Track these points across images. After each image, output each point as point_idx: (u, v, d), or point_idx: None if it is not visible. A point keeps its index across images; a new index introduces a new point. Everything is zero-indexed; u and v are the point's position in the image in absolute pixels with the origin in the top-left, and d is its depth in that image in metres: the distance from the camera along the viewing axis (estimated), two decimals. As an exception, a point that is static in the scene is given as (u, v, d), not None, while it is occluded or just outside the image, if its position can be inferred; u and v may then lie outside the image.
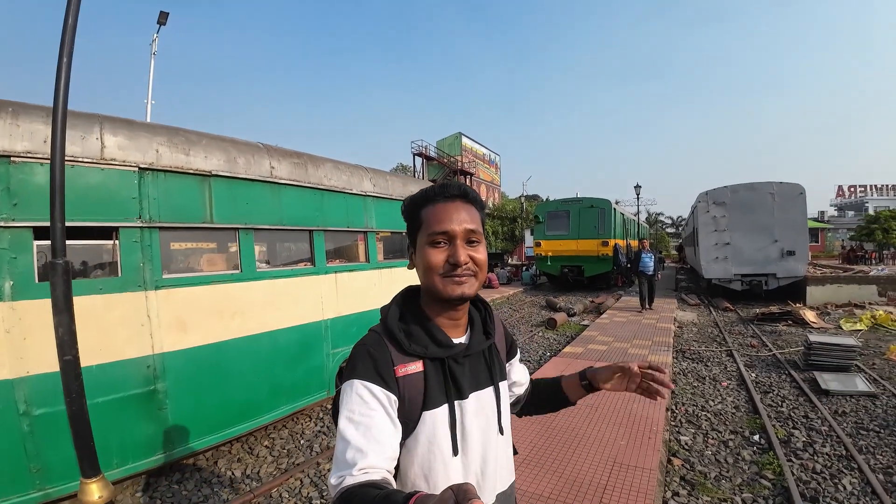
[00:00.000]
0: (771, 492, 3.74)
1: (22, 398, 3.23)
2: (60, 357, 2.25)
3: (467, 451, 1.05)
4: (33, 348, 3.26)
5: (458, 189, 1.07)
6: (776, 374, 6.89)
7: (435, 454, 1.01)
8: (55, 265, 2.06)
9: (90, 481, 2.31)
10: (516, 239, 37.39)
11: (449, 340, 1.08)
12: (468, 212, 1.06)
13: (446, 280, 1.02)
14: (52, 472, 3.36)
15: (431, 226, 1.03)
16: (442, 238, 1.02)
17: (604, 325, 10.75)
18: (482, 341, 1.14)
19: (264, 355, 4.42)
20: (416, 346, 1.04)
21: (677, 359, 7.97)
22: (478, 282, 1.06)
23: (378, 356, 1.01)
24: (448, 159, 35.95)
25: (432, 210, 1.05)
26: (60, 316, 2.13)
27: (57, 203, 2.03)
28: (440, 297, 1.04)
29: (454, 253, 1.01)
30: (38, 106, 3.54)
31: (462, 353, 1.08)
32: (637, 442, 4.31)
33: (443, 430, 1.02)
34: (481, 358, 1.14)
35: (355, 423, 0.92)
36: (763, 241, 13.59)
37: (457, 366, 1.08)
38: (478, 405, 1.09)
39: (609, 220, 18.87)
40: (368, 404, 0.94)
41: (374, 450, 0.89)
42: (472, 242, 1.05)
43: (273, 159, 4.60)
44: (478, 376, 1.12)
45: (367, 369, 0.98)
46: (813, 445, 4.51)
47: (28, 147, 3.32)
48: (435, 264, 1.02)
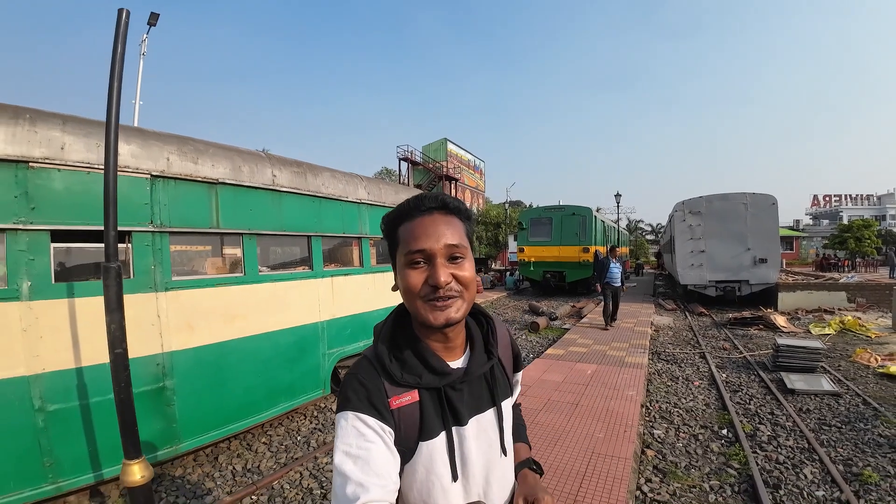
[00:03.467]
0: (736, 479, 4.07)
1: (37, 394, 3.39)
2: (111, 350, 2.45)
3: (468, 475, 1.00)
4: (48, 347, 3.43)
5: (436, 200, 0.98)
6: (746, 374, 7.30)
7: (433, 482, 0.97)
8: (108, 268, 2.27)
9: (132, 462, 2.51)
10: (500, 244, 37.89)
11: (444, 367, 1.00)
12: (449, 225, 0.96)
13: (428, 305, 0.93)
14: (64, 466, 3.52)
15: (408, 244, 0.94)
16: (419, 257, 0.93)
17: (584, 328, 11.12)
18: (483, 363, 1.05)
19: (264, 355, 4.64)
20: (408, 377, 0.97)
21: (653, 360, 8.36)
22: (465, 303, 0.96)
23: (370, 386, 0.95)
24: (433, 164, 36.29)
25: (409, 226, 0.96)
26: (112, 314, 2.34)
27: (111, 213, 2.23)
28: (424, 323, 0.96)
29: (433, 273, 0.91)
30: (55, 113, 3.72)
31: (459, 379, 1.01)
32: (613, 435, 4.63)
33: (441, 459, 0.97)
34: (482, 380, 1.07)
35: (353, 456, 0.88)
36: (736, 249, 14.18)
37: (454, 392, 1.01)
38: (479, 429, 1.03)
39: (590, 228, 19.40)
40: (365, 436, 0.90)
41: (375, 483, 0.85)
42: (456, 259, 0.95)
43: (275, 168, 4.84)
44: (478, 400, 1.05)
45: (360, 400, 0.93)
46: (777, 439, 4.87)
47: (46, 153, 3.47)
48: (414, 287, 0.93)
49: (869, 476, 4.02)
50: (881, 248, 40.99)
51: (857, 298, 14.10)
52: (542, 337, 10.93)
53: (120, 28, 2.04)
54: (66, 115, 3.73)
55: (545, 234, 20.25)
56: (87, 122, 3.78)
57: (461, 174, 39.70)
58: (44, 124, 3.53)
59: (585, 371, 7.07)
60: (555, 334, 11.04)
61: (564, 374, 6.94)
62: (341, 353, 5.55)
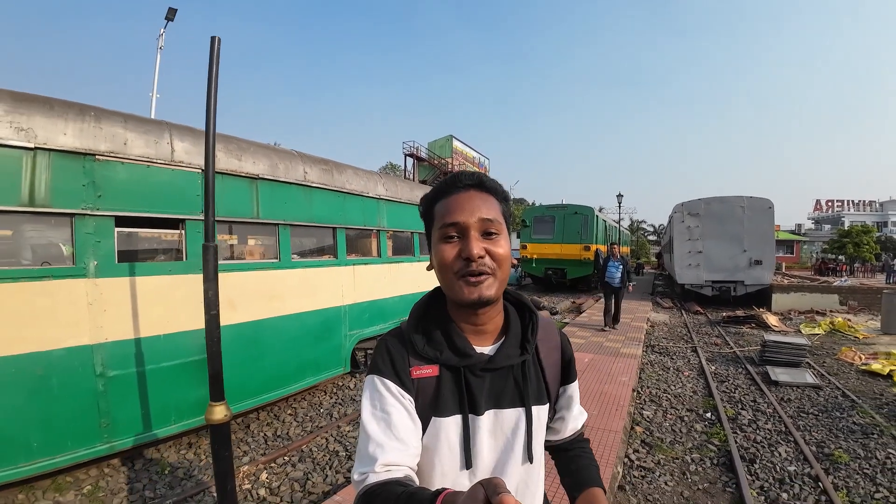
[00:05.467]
0: (716, 454, 4.56)
1: (99, 361, 3.86)
2: (207, 311, 2.91)
3: (475, 469, 0.98)
4: (111, 319, 3.91)
5: (473, 178, 0.98)
6: (734, 367, 7.79)
7: (435, 464, 0.97)
8: (207, 247, 2.74)
9: (217, 404, 2.95)
10: (503, 241, 38.44)
11: (468, 348, 0.98)
12: (485, 201, 0.95)
13: (461, 281, 0.91)
14: (119, 427, 3.98)
15: (443, 218, 0.94)
16: (453, 230, 0.92)
17: (583, 322, 11.62)
18: (513, 356, 1.01)
19: (294, 333, 5.15)
20: (429, 350, 0.98)
21: (646, 351, 8.87)
22: (498, 281, 0.93)
23: (396, 354, 0.98)
24: (439, 161, 36.67)
25: (445, 202, 0.96)
26: (209, 283, 2.80)
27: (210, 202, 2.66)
28: (457, 300, 0.95)
29: (466, 246, 0.90)
30: (116, 112, 4.20)
31: (481, 365, 0.98)
32: (607, 412, 5.13)
33: (447, 441, 0.96)
34: (509, 374, 1.01)
35: (377, 418, 0.91)
36: (733, 251, 14.66)
37: (474, 378, 0.98)
38: (495, 424, 1.00)
39: (592, 227, 19.93)
40: (387, 400, 0.93)
41: (396, 447, 0.87)
42: (490, 234, 0.93)
43: (306, 165, 5.34)
44: (500, 394, 1.00)
45: (385, 366, 0.96)
46: (757, 422, 5.35)
47: (110, 147, 3.94)
48: (447, 260, 0.92)
49: (839, 456, 4.46)
50: (880, 254, 41.39)
51: (848, 301, 14.57)
52: (543, 330, 11.41)
53: (214, 54, 2.50)
54: (127, 114, 4.22)
55: (548, 231, 20.79)
56: (145, 120, 4.27)
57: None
58: (108, 121, 4.00)
59: (583, 359, 7.57)
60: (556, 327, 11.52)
61: (564, 362, 7.44)
62: (360, 334, 6.08)
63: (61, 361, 3.68)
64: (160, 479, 4.15)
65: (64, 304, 3.69)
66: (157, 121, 4.32)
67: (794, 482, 4.02)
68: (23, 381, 3.51)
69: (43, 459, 3.62)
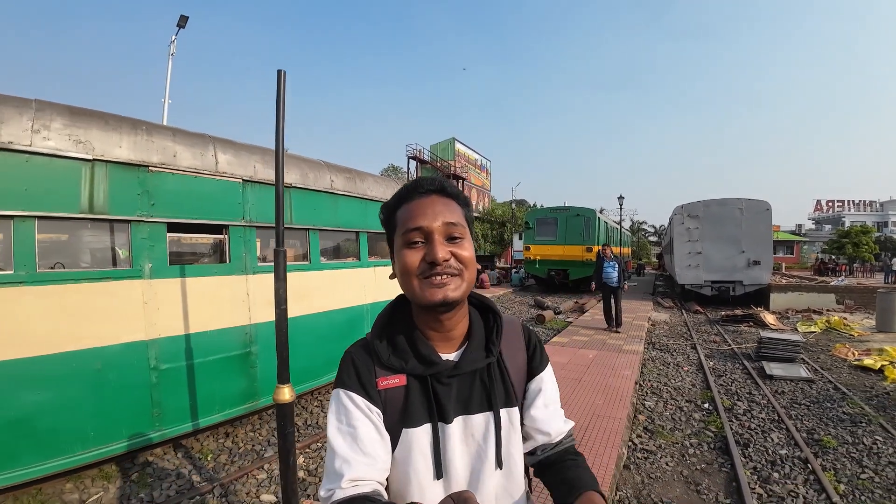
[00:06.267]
0: (713, 439, 4.95)
1: (153, 355, 4.24)
2: (277, 307, 3.25)
3: (450, 478, 0.97)
4: (163, 316, 4.30)
5: (435, 184, 0.97)
6: (731, 363, 8.19)
7: (410, 476, 0.95)
8: (278, 252, 3.14)
9: (283, 386, 3.29)
10: (505, 242, 38.72)
11: (432, 356, 0.97)
12: (447, 206, 0.94)
13: (425, 283, 0.90)
14: (168, 416, 4.35)
15: (405, 223, 0.92)
16: (417, 236, 0.91)
17: (586, 321, 12.02)
18: (478, 359, 1.00)
19: (323, 330, 5.56)
20: (395, 360, 0.96)
21: (648, 348, 9.28)
22: (464, 282, 0.92)
23: (361, 366, 0.97)
24: (441, 163, 37.09)
25: (407, 208, 0.95)
26: (279, 282, 3.18)
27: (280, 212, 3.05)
28: (421, 303, 0.92)
29: (431, 250, 0.89)
30: (166, 126, 4.62)
31: (447, 372, 0.97)
32: (611, 402, 5.54)
33: (420, 452, 0.95)
34: (476, 378, 1.01)
35: (342, 433, 0.90)
36: (731, 252, 15.10)
37: (441, 386, 0.97)
38: (465, 431, 0.99)
39: (594, 228, 20.32)
40: (353, 414, 0.92)
41: (363, 461, 0.87)
42: (455, 238, 0.92)
43: (332, 174, 5.77)
44: (468, 399, 1.00)
45: (350, 378, 0.95)
46: (751, 412, 5.74)
47: (161, 159, 4.32)
48: (411, 265, 0.90)
49: (828, 442, 4.84)
50: (879, 254, 41.76)
51: (845, 300, 14.97)
52: (547, 328, 11.81)
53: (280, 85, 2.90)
54: (175, 128, 4.63)
55: (551, 233, 21.21)
56: (191, 134, 4.68)
57: (468, 173, 40.53)
58: (158, 135, 4.40)
59: (587, 355, 7.97)
60: (559, 326, 11.93)
61: (569, 357, 7.85)
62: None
63: (118, 356, 4.04)
64: (204, 466, 4.55)
65: (122, 303, 4.07)
66: (201, 134, 4.72)
67: (785, 464, 4.41)
68: (82, 375, 3.84)
69: (97, 448, 3.94)
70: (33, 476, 3.63)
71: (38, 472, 3.64)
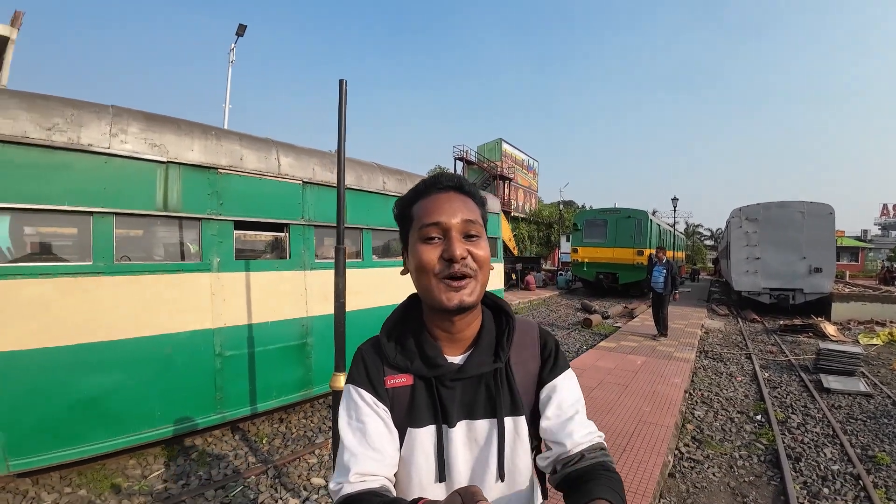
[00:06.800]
0: (763, 452, 4.84)
1: (218, 343, 4.55)
2: (336, 300, 3.45)
3: (451, 483, 0.97)
4: (229, 307, 4.60)
5: (453, 180, 0.97)
6: (787, 374, 7.90)
7: (412, 477, 0.96)
8: (339, 249, 3.35)
9: (340, 374, 3.47)
10: (552, 244, 38.30)
11: (437, 358, 0.96)
12: (464, 202, 0.93)
13: (442, 285, 0.88)
14: (229, 400, 4.65)
15: (423, 218, 0.91)
16: (435, 231, 0.89)
17: (635, 326, 11.82)
18: (484, 364, 0.97)
19: (372, 325, 5.72)
20: (400, 359, 0.97)
21: (700, 357, 9.04)
22: (479, 285, 0.91)
23: (370, 363, 0.98)
24: (488, 164, 36.99)
25: (424, 203, 0.94)
26: (339, 277, 3.38)
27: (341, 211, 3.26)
28: (435, 305, 0.91)
29: (449, 246, 0.88)
30: (234, 131, 4.92)
31: (451, 375, 0.95)
32: (658, 410, 5.49)
33: (423, 453, 0.95)
34: (481, 383, 0.98)
35: (352, 427, 0.92)
36: (791, 258, 14.38)
37: (445, 389, 0.96)
38: (469, 436, 0.98)
39: (645, 231, 19.87)
40: (362, 410, 0.93)
41: (371, 456, 0.88)
42: (472, 237, 0.91)
43: (384, 176, 5.98)
44: (472, 404, 0.98)
45: (360, 375, 0.97)
46: (805, 426, 5.56)
47: (229, 162, 4.63)
48: (428, 262, 0.89)
49: (882, 459, 4.66)
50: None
51: (913, 312, 14.04)
52: (594, 333, 11.70)
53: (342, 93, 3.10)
54: (242, 133, 4.93)
55: (600, 235, 20.87)
56: (256, 139, 4.98)
57: (515, 174, 40.22)
58: (226, 140, 4.71)
59: (635, 361, 7.88)
60: (607, 331, 11.79)
61: (616, 362, 7.79)
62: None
63: (187, 342, 4.36)
64: (259, 448, 4.83)
65: (191, 293, 4.39)
66: (266, 139, 5.02)
67: (836, 479, 4.28)
68: (153, 359, 4.17)
69: (162, 427, 4.25)
70: (100, 452, 3.94)
71: (105, 449, 3.95)
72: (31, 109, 3.61)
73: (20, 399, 3.52)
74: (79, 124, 3.79)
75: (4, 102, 3.51)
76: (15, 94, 3.66)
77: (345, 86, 3.14)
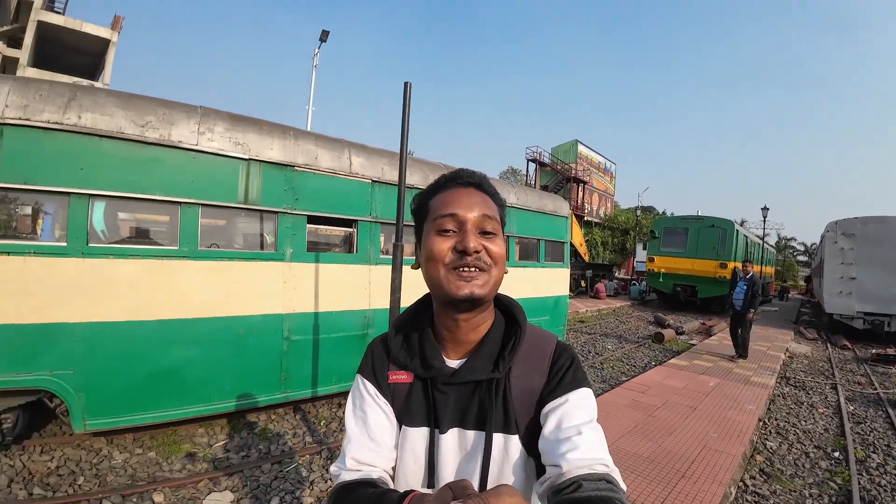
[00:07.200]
0: (836, 493, 4.46)
1: (287, 327, 4.85)
2: (392, 294, 3.68)
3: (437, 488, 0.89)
4: (299, 295, 4.89)
5: (474, 177, 0.94)
6: (874, 409, 7.20)
7: (401, 475, 0.96)
8: (397, 245, 3.53)
9: None
10: (627, 252, 36.95)
11: (435, 359, 0.94)
12: (483, 199, 0.91)
13: (452, 274, 0.85)
14: (293, 381, 4.95)
15: (439, 210, 0.89)
16: (450, 223, 0.87)
17: (712, 345, 11.16)
18: (479, 371, 0.92)
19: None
20: (402, 356, 0.96)
21: (779, 383, 8.41)
22: (492, 280, 0.88)
23: (377, 357, 0.99)
24: (562, 166, 36.21)
25: (442, 195, 0.92)
26: (396, 273, 3.57)
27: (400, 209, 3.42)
28: (443, 296, 0.88)
29: (463, 238, 0.85)
30: (310, 132, 5.20)
31: (443, 378, 0.93)
32: (726, 437, 5.19)
33: (412, 454, 0.94)
34: (476, 393, 0.93)
35: (356, 416, 0.95)
36: (890, 279, 12.86)
37: (439, 392, 0.94)
38: (460, 444, 0.94)
39: (730, 242, 18.52)
40: (364, 400, 0.95)
41: (369, 446, 0.90)
42: (487, 234, 0.88)
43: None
44: (465, 412, 0.93)
45: (367, 367, 0.99)
46: (885, 466, 5.06)
47: (304, 161, 4.92)
48: (439, 252, 0.86)
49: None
50: None
51: None
52: (665, 348, 11.20)
53: (406, 96, 3.22)
54: (318, 134, 5.21)
55: (679, 244, 19.75)
56: (331, 139, 5.24)
57: (590, 177, 39.11)
58: (303, 140, 4.99)
59: (707, 382, 7.48)
60: (680, 347, 11.24)
61: (685, 382, 7.43)
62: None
63: (259, 324, 4.70)
64: (317, 429, 5.07)
65: (265, 280, 4.72)
66: (339, 139, 5.26)
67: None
68: (228, 337, 4.52)
69: (231, 401, 4.61)
70: (173, 418, 4.35)
71: (178, 416, 4.35)
72: (127, 107, 4.03)
73: (104, 365, 3.94)
74: (170, 122, 4.17)
75: (102, 101, 3.94)
76: (112, 93, 4.09)
77: (409, 88, 3.25)
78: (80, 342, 3.82)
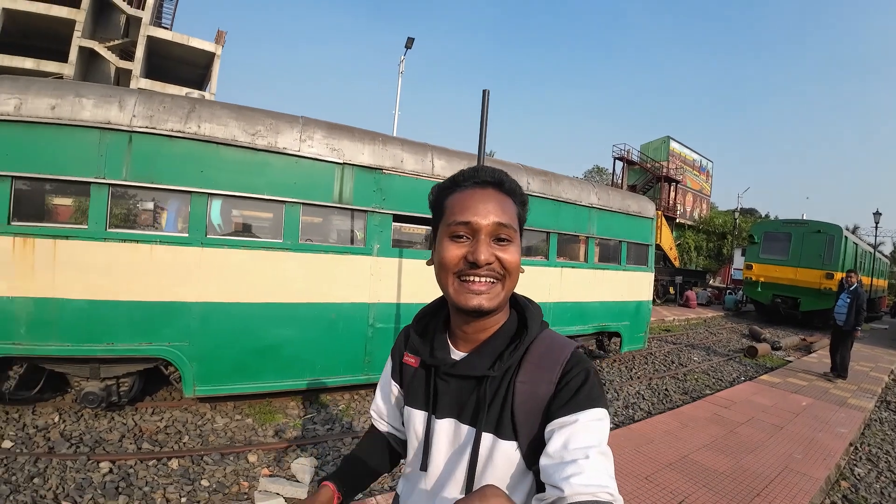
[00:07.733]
0: (930, 529, 4.14)
1: (372, 316, 5.30)
2: None
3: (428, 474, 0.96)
4: (383, 287, 5.32)
5: (493, 175, 0.91)
6: None
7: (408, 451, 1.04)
8: None
9: None
10: (723, 258, 34.58)
11: (439, 350, 0.96)
12: (501, 203, 0.88)
13: (460, 285, 0.86)
14: (375, 364, 5.38)
15: (454, 214, 0.87)
16: (463, 230, 0.86)
17: (810, 363, 10.31)
18: (477, 366, 0.91)
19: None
20: (415, 342, 1.00)
21: (879, 407, 7.70)
22: (504, 291, 0.87)
23: (400, 340, 1.08)
24: (652, 164, 34.38)
25: (459, 196, 0.90)
26: None
27: None
28: (453, 304, 0.89)
29: (475, 249, 0.84)
30: (396, 137, 5.58)
31: (445, 368, 0.94)
32: (810, 459, 4.93)
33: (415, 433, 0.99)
34: (475, 388, 0.92)
35: (381, 383, 1.17)
36: None
37: (441, 381, 0.95)
38: (455, 435, 0.94)
39: (838, 250, 16.60)
40: (384, 376, 1.15)
41: (377, 409, 1.17)
42: (502, 241, 0.87)
43: (529, 176, 6.27)
44: (463, 406, 0.93)
45: (394, 348, 1.12)
46: None
47: (391, 164, 5.31)
48: (450, 259, 0.86)
49: None
50: None
51: None
52: (758, 364, 10.52)
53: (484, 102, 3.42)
54: (404, 139, 5.60)
55: (780, 251, 18.00)
56: (415, 144, 5.61)
57: (683, 175, 36.73)
58: (391, 145, 5.38)
59: (798, 402, 7.04)
60: (774, 363, 10.52)
61: (775, 400, 7.03)
62: (564, 332, 6.77)
63: (348, 311, 5.18)
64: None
65: (356, 272, 5.19)
66: (423, 144, 5.61)
67: None
68: (321, 321, 5.05)
69: (322, 378, 5.15)
70: (269, 389, 4.94)
71: (275, 388, 4.95)
72: (239, 118, 4.63)
73: (215, 339, 4.56)
74: (276, 131, 4.73)
75: (218, 112, 4.55)
76: (226, 105, 4.69)
77: (487, 95, 3.44)
78: (196, 319, 4.45)
